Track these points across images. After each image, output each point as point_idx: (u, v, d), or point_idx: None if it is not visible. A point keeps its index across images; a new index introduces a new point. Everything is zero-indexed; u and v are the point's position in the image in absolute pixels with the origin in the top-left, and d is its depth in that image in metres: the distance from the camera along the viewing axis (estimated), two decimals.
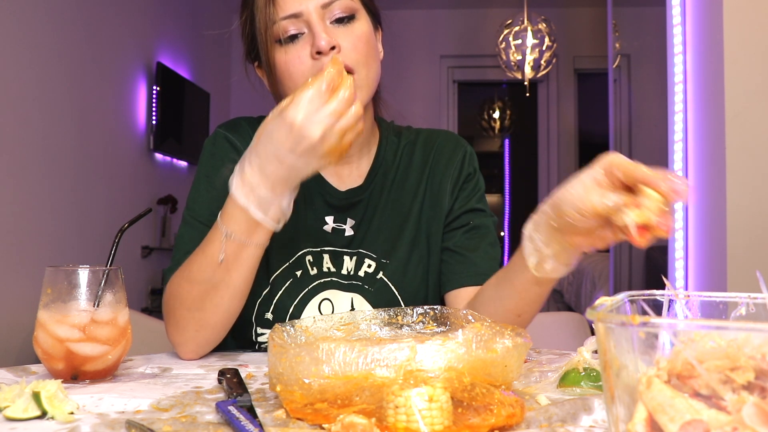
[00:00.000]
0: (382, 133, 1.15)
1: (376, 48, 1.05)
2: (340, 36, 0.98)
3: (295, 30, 0.98)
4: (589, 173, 0.74)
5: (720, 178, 2.16)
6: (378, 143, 1.14)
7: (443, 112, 5.64)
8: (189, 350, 0.95)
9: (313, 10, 0.96)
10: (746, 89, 2.12)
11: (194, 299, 0.92)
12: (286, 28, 0.98)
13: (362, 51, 0.99)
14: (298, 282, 1.06)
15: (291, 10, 0.97)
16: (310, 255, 1.07)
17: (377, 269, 1.08)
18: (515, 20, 4.51)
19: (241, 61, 1.16)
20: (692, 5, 2.42)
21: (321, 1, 0.97)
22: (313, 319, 0.82)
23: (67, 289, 0.79)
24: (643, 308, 0.51)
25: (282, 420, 0.63)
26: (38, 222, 3.00)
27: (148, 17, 4.10)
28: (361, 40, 0.99)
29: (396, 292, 1.08)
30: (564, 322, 2.02)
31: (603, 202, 0.71)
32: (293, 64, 0.98)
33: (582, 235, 0.77)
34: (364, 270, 1.08)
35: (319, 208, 1.09)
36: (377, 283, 1.08)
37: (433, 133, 1.19)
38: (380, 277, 1.08)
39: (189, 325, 0.93)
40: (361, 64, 0.99)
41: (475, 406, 0.59)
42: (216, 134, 1.11)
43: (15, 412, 0.62)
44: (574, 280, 4.97)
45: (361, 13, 1.01)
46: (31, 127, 2.94)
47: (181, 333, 0.94)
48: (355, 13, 1.00)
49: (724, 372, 0.38)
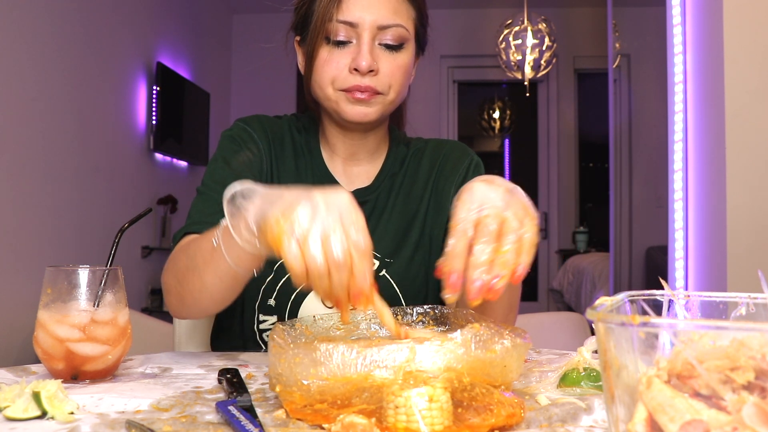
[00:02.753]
0: (392, 141, 1.19)
1: (410, 75, 1.10)
2: (382, 60, 1.02)
3: (345, 37, 1.02)
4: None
5: (720, 178, 2.16)
6: (388, 149, 1.18)
7: (443, 112, 5.64)
8: (176, 314, 0.98)
9: (368, 27, 1.01)
10: (746, 89, 2.12)
11: (180, 273, 0.92)
12: (338, 31, 1.01)
13: (398, 79, 1.04)
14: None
15: (350, 17, 1.01)
16: None
17: (380, 267, 1.10)
18: (515, 20, 4.51)
19: (241, 61, 1.18)
20: (692, 5, 2.42)
21: (380, 22, 1.01)
22: (313, 318, 0.82)
23: (67, 289, 0.79)
24: (643, 308, 0.51)
25: (282, 420, 0.63)
26: (38, 222, 3.00)
27: (148, 17, 4.10)
28: (400, 70, 1.04)
29: (397, 289, 1.10)
30: (564, 322, 2.02)
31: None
32: (330, 67, 1.02)
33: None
34: None
35: None
36: (380, 280, 1.10)
37: (441, 142, 1.22)
38: (383, 275, 1.10)
39: (172, 293, 0.95)
40: (392, 90, 1.04)
41: (475, 406, 0.59)
42: (234, 125, 1.15)
43: (15, 412, 0.62)
44: (574, 280, 4.97)
45: (409, 43, 1.06)
46: (31, 127, 2.94)
47: (167, 296, 0.96)
48: (404, 43, 1.04)
49: (724, 372, 0.38)
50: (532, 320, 2.01)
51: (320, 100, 1.08)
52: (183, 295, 0.92)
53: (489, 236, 0.71)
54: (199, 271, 0.87)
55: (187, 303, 0.92)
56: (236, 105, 5.45)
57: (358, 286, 0.68)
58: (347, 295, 0.69)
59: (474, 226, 0.72)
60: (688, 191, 2.45)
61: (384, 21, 1.01)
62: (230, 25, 5.52)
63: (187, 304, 0.92)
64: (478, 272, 0.70)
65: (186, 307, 0.93)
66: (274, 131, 1.14)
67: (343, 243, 0.67)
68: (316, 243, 0.66)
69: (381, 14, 1.01)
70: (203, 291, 0.88)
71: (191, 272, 0.89)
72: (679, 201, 2.47)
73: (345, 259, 0.67)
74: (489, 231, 0.71)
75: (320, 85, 1.04)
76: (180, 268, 0.92)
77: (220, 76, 5.22)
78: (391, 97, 1.05)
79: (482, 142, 7.40)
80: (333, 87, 1.03)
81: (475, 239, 0.71)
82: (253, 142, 1.11)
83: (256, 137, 1.11)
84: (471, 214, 0.72)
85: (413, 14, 1.06)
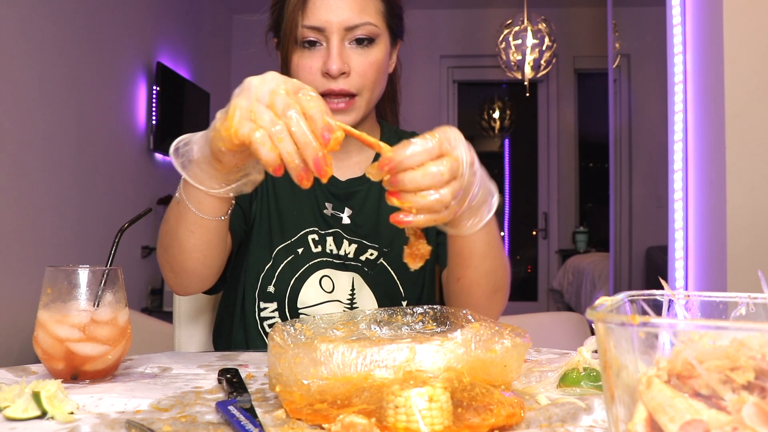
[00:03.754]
0: (384, 133, 1.19)
1: (385, 71, 1.09)
2: (353, 59, 1.02)
3: (314, 38, 1.01)
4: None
5: (720, 178, 2.16)
6: (379, 139, 1.17)
7: (443, 112, 5.64)
8: (174, 288, 0.98)
9: (336, 31, 1.00)
10: (746, 89, 2.12)
11: (163, 243, 0.94)
12: (306, 35, 1.01)
13: (370, 77, 1.03)
14: (300, 258, 1.10)
15: (316, 22, 1.00)
16: (315, 235, 1.11)
17: (378, 256, 1.12)
18: (515, 20, 4.51)
19: (241, 61, 1.19)
20: (692, 5, 2.42)
21: (346, 23, 1.00)
22: (313, 317, 0.82)
23: (67, 289, 0.79)
24: (643, 308, 0.51)
25: (282, 420, 0.63)
26: (38, 222, 3.00)
27: (148, 17, 4.10)
28: (372, 67, 1.03)
29: (395, 277, 1.11)
30: (564, 322, 2.02)
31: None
32: (304, 72, 1.02)
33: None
34: (366, 257, 1.11)
35: (320, 194, 1.13)
36: (377, 267, 1.11)
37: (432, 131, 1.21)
38: (380, 263, 1.11)
39: (165, 267, 0.95)
40: (366, 89, 1.04)
41: (475, 406, 0.59)
42: None
43: (15, 412, 0.62)
44: (574, 280, 4.97)
45: (381, 37, 1.05)
46: (31, 128, 2.94)
47: (164, 273, 0.96)
48: (375, 38, 1.04)
49: (724, 372, 0.38)
50: (532, 320, 2.01)
51: None
52: (171, 263, 0.93)
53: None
54: (174, 231, 0.89)
55: (176, 271, 0.93)
56: None
57: (321, 126, 0.67)
58: (320, 143, 0.67)
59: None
60: (688, 191, 2.45)
61: (351, 21, 1.00)
62: (230, 25, 5.52)
63: (176, 271, 0.93)
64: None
65: (177, 275, 0.94)
66: None
67: (289, 94, 0.68)
68: (261, 107, 0.68)
69: (346, 15, 1.00)
70: (182, 251, 0.90)
71: (169, 237, 0.91)
72: (679, 201, 2.47)
73: (300, 106, 0.67)
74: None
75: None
76: (162, 235, 0.94)
77: (220, 76, 5.22)
78: (366, 96, 1.04)
79: (482, 142, 7.39)
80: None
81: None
82: None
83: None
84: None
85: (381, 8, 1.04)
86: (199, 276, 0.95)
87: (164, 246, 0.93)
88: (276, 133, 0.67)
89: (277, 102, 0.68)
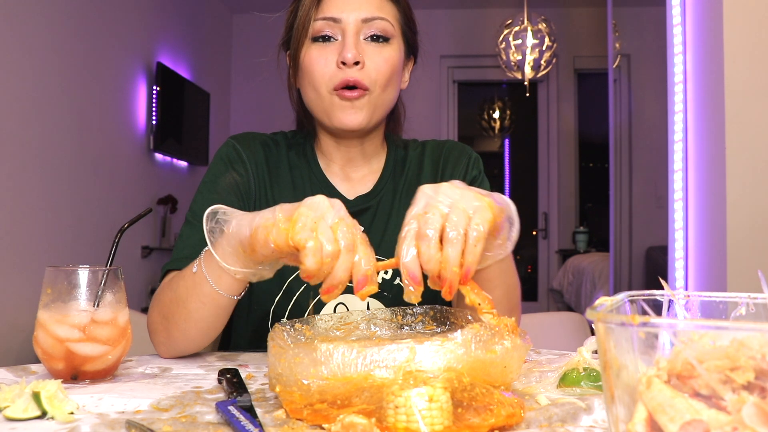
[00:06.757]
0: (390, 145, 1.19)
1: (400, 76, 1.09)
2: (368, 53, 1.03)
3: (330, 33, 1.03)
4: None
5: (720, 178, 2.16)
6: (386, 154, 1.18)
7: (443, 112, 5.64)
8: (164, 352, 0.95)
9: (352, 22, 1.02)
10: (746, 89, 2.12)
11: (165, 307, 0.92)
12: (321, 29, 1.02)
13: (384, 74, 1.04)
14: (312, 289, 1.06)
15: (332, 13, 1.02)
16: None
17: (394, 275, 1.09)
18: (515, 20, 4.51)
19: (241, 61, 1.18)
20: (692, 5, 2.42)
21: (362, 15, 1.02)
22: (313, 317, 0.82)
23: (67, 289, 0.79)
24: (643, 308, 0.51)
25: (282, 420, 0.63)
26: (38, 222, 3.00)
27: (148, 17, 4.10)
28: (387, 63, 1.04)
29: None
30: (564, 322, 2.02)
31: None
32: (318, 63, 1.03)
33: None
34: (381, 276, 1.09)
35: None
36: (394, 288, 1.08)
37: (439, 142, 1.22)
38: (397, 283, 1.09)
39: (159, 332, 0.93)
40: (379, 86, 1.03)
41: (475, 406, 0.59)
42: (226, 143, 1.14)
43: (15, 412, 0.62)
44: (574, 280, 4.97)
45: (396, 39, 1.06)
46: (31, 128, 2.94)
47: (153, 337, 0.94)
48: (390, 38, 1.05)
49: (724, 372, 0.38)
50: (532, 320, 2.01)
51: (313, 107, 1.07)
52: (170, 329, 0.91)
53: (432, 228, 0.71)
54: (183, 300, 0.88)
55: (173, 336, 0.91)
56: (236, 105, 5.45)
57: (361, 274, 0.71)
58: (347, 278, 0.71)
59: (417, 219, 0.73)
60: (688, 191, 2.45)
61: (367, 14, 1.02)
62: (230, 25, 5.52)
63: (173, 337, 0.91)
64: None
65: (173, 341, 0.92)
66: (265, 148, 1.13)
67: (350, 228, 0.71)
68: (325, 225, 0.71)
69: (363, 9, 1.02)
70: (188, 320, 0.88)
71: (176, 304, 0.89)
72: (679, 201, 2.47)
73: (354, 242, 0.71)
74: (430, 223, 0.72)
75: (313, 85, 1.04)
76: (165, 303, 0.92)
77: (220, 76, 5.22)
78: (377, 93, 1.03)
79: (482, 142, 7.40)
80: (326, 87, 1.02)
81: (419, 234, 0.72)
82: (241, 162, 1.10)
83: (245, 156, 1.10)
84: (417, 209, 0.74)
85: (397, 14, 1.07)
86: (197, 344, 0.93)
87: (165, 314, 0.91)
88: (326, 253, 0.70)
89: (340, 229, 0.71)
